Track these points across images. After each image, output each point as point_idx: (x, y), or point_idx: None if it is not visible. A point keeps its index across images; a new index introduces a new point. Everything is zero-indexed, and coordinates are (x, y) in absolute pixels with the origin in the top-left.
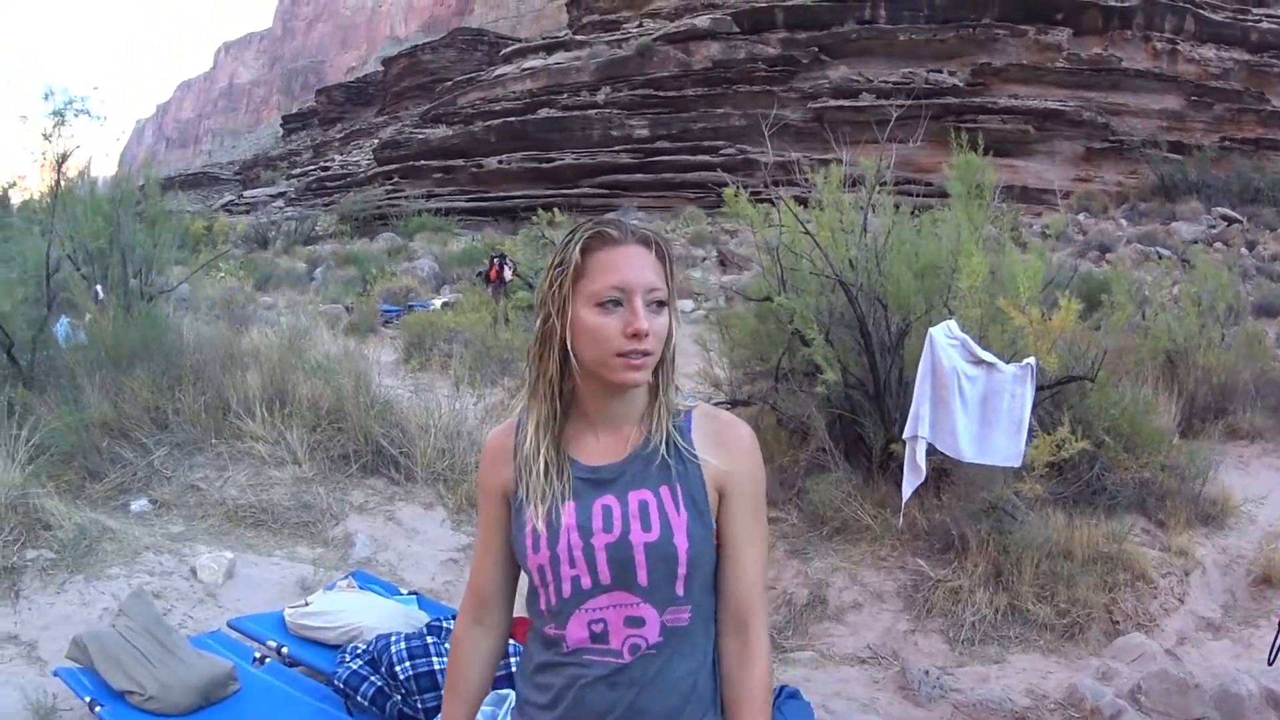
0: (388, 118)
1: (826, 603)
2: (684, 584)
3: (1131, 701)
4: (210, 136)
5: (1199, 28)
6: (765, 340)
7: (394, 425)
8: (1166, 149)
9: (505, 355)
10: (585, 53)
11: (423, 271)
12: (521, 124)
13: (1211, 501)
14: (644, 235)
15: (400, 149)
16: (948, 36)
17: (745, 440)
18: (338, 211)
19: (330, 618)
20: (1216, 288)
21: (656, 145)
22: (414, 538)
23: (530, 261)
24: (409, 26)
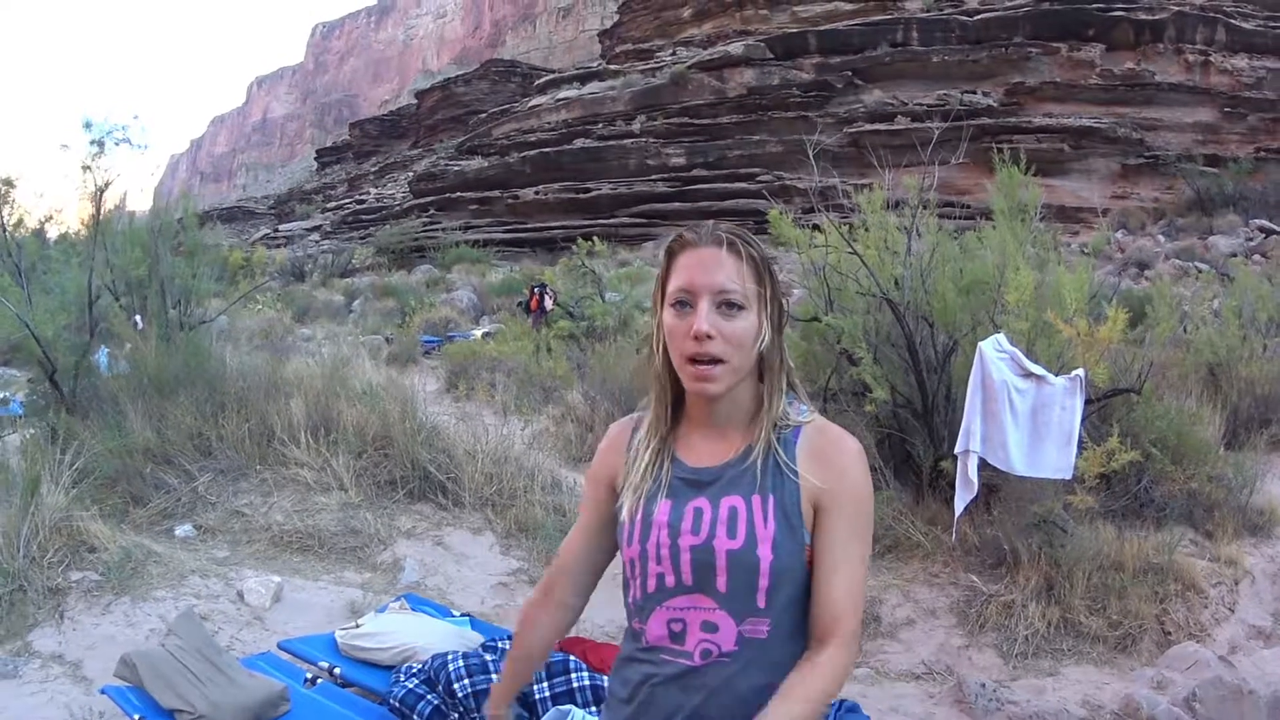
0: (422, 150)
1: (880, 620)
2: (765, 596)
3: (1187, 709)
4: (244, 171)
5: (1230, 38)
6: (812, 361)
7: (441, 451)
8: (1202, 162)
9: (549, 384)
10: (619, 82)
11: (461, 302)
12: (557, 154)
13: (1259, 511)
14: (720, 236)
15: (436, 181)
16: (980, 57)
17: (849, 457)
18: (374, 244)
19: (384, 639)
20: (1257, 299)
21: (693, 173)
22: (463, 562)
23: (570, 291)
24: (441, 59)
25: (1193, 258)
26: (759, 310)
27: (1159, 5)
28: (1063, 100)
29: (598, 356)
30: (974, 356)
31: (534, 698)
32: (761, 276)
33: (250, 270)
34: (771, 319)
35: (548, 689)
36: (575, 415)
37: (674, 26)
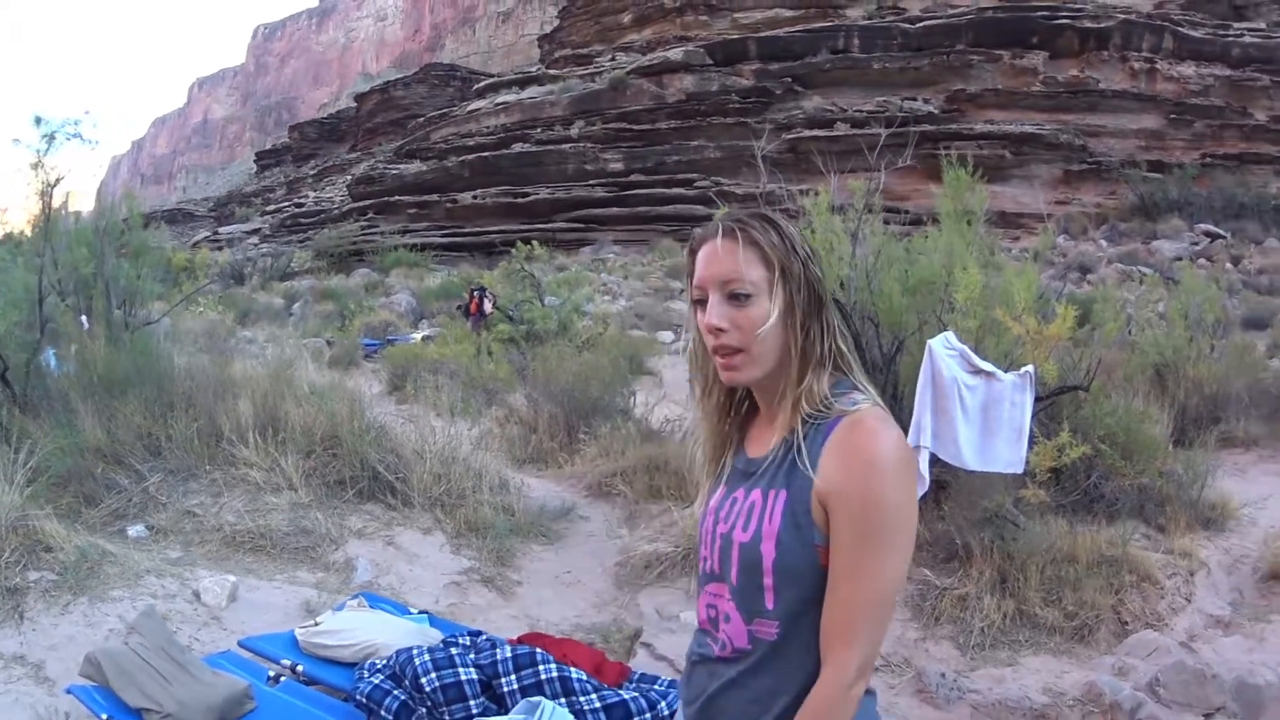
0: (360, 153)
1: None
2: (772, 597)
3: (1150, 694)
4: (184, 173)
5: (1178, 45)
6: None
7: (389, 451)
8: (1146, 168)
9: (491, 386)
10: (558, 87)
11: (400, 306)
12: (495, 159)
13: (1211, 506)
14: (725, 225)
15: (374, 184)
16: (922, 64)
17: (861, 456)
18: (313, 247)
19: (345, 635)
20: (1204, 301)
21: (631, 179)
22: (415, 562)
23: (509, 295)
24: (380, 62)
25: (1136, 262)
26: (768, 295)
27: (1105, 13)
28: (1005, 107)
29: (540, 359)
30: (922, 355)
31: (502, 690)
32: (770, 260)
33: (193, 272)
34: (786, 301)
35: (515, 681)
36: (519, 417)
37: (614, 32)
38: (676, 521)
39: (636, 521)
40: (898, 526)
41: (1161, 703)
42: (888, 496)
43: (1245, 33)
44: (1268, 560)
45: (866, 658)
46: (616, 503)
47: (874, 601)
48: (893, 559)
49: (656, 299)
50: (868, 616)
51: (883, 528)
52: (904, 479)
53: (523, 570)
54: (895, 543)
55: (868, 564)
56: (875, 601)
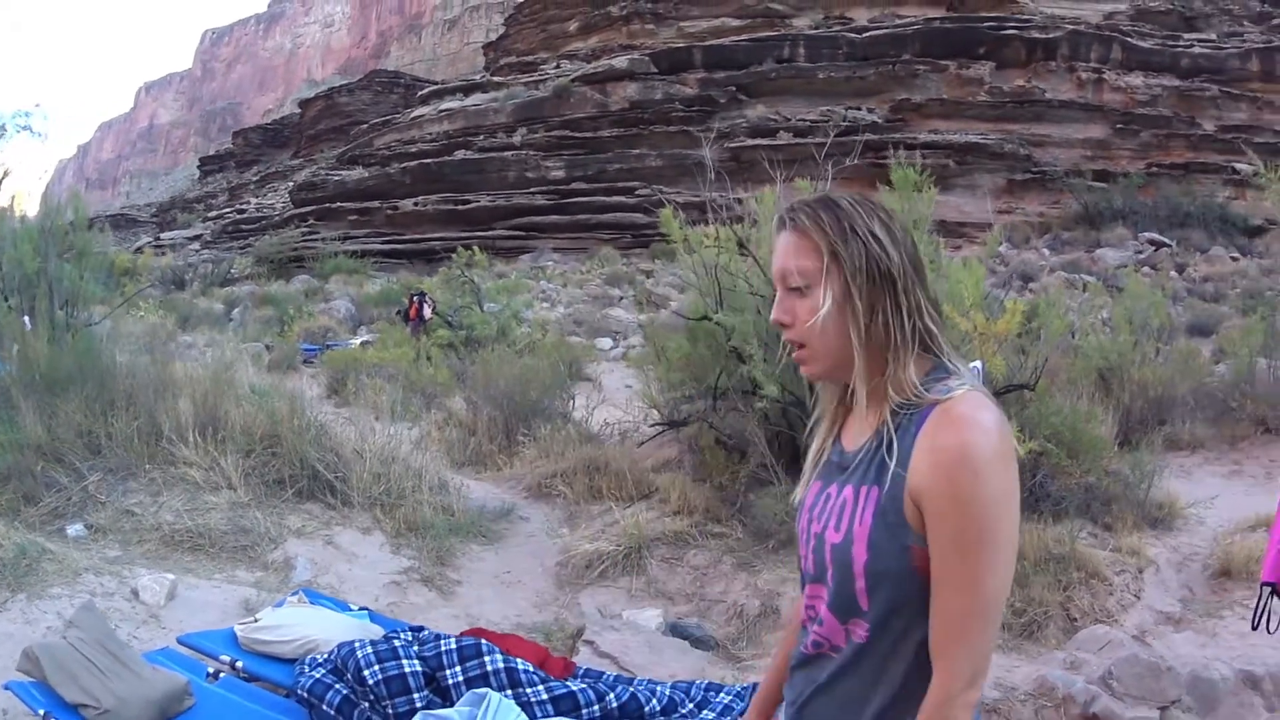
0: (303, 160)
1: (779, 612)
2: (866, 598)
3: (1104, 687)
4: (129, 178)
5: (1126, 56)
6: (698, 362)
7: (329, 450)
8: (1091, 178)
9: (430, 390)
10: (502, 94)
11: (339, 312)
12: (438, 166)
13: (1158, 505)
14: (784, 216)
15: (316, 191)
16: (867, 74)
17: (950, 452)
18: (254, 254)
19: (285, 631)
20: (1149, 306)
21: (572, 186)
22: (354, 561)
23: (448, 301)
24: (326, 69)
25: (1079, 270)
26: (821, 285)
27: (1053, 24)
28: (949, 117)
29: (480, 362)
30: None
31: (447, 682)
32: (819, 247)
33: (135, 274)
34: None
35: (461, 673)
36: (458, 420)
37: (559, 40)
38: (618, 521)
39: (577, 522)
40: (997, 526)
41: (1115, 696)
42: (983, 495)
43: (1195, 43)
44: (1219, 557)
45: (978, 665)
46: (556, 503)
47: (981, 607)
48: (994, 561)
49: (595, 306)
50: (975, 623)
51: (981, 530)
52: (1000, 472)
53: (463, 570)
54: (995, 543)
55: (969, 569)
56: (982, 607)
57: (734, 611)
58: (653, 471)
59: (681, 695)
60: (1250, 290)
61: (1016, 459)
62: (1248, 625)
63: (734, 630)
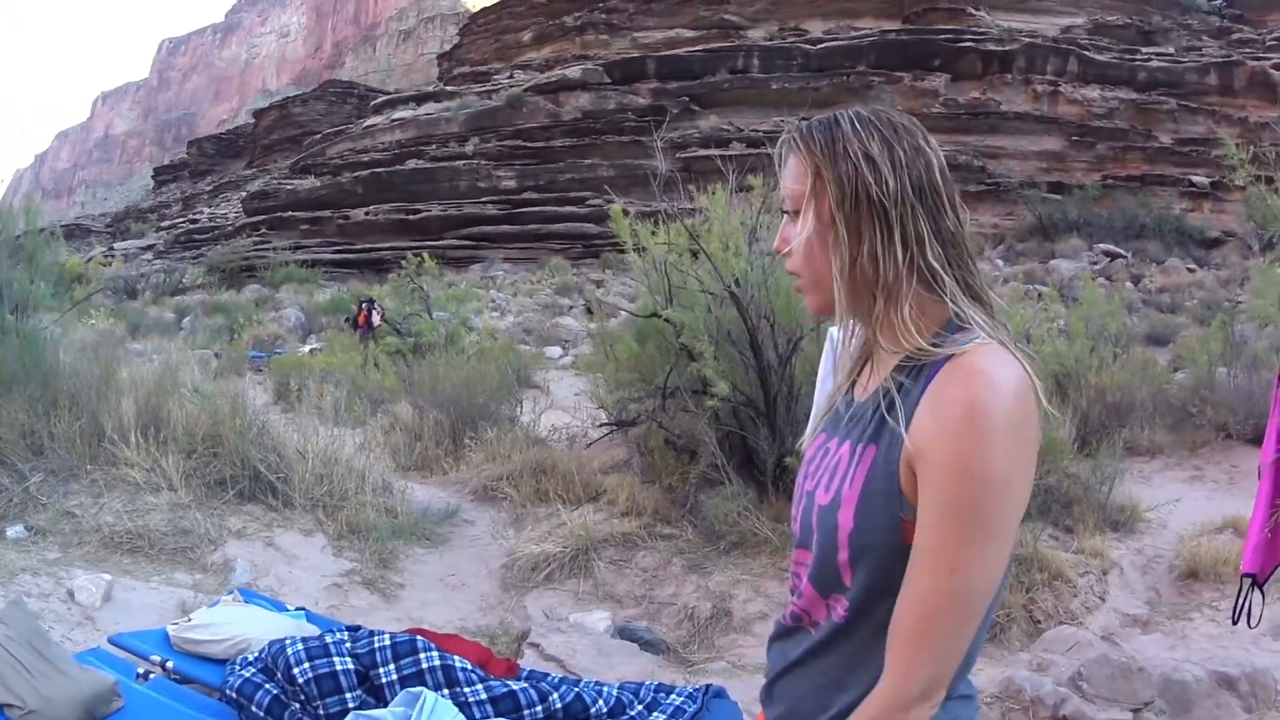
0: (256, 170)
1: (731, 615)
2: (849, 571)
3: (1074, 689)
4: (84, 188)
5: (1083, 69)
6: (647, 362)
7: (271, 450)
8: (1046, 189)
9: (377, 395)
10: (455, 104)
11: (289, 321)
12: (389, 175)
13: (1119, 508)
14: (790, 141)
15: (268, 200)
16: (821, 85)
17: (954, 409)
18: (206, 263)
19: (217, 630)
20: (1105, 314)
21: (524, 196)
22: (295, 563)
23: (398, 308)
24: (281, 79)
25: (1033, 280)
26: (812, 207)
27: (1010, 37)
28: None
29: (428, 365)
30: (819, 354)
31: (380, 681)
32: (805, 169)
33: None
34: (824, 212)
35: (395, 671)
36: (404, 425)
37: (513, 50)
38: (565, 523)
39: (523, 524)
40: (998, 505)
41: (1085, 698)
42: (985, 466)
43: (1153, 57)
44: (1185, 559)
45: (939, 672)
46: (502, 506)
47: (957, 597)
48: (984, 547)
49: (545, 315)
50: (945, 618)
51: (975, 506)
52: (1011, 443)
53: (406, 573)
54: (991, 525)
55: (952, 548)
56: (959, 597)
57: (684, 614)
58: (601, 473)
59: (630, 697)
60: (1208, 301)
61: (1038, 433)
62: (1218, 627)
63: (685, 633)
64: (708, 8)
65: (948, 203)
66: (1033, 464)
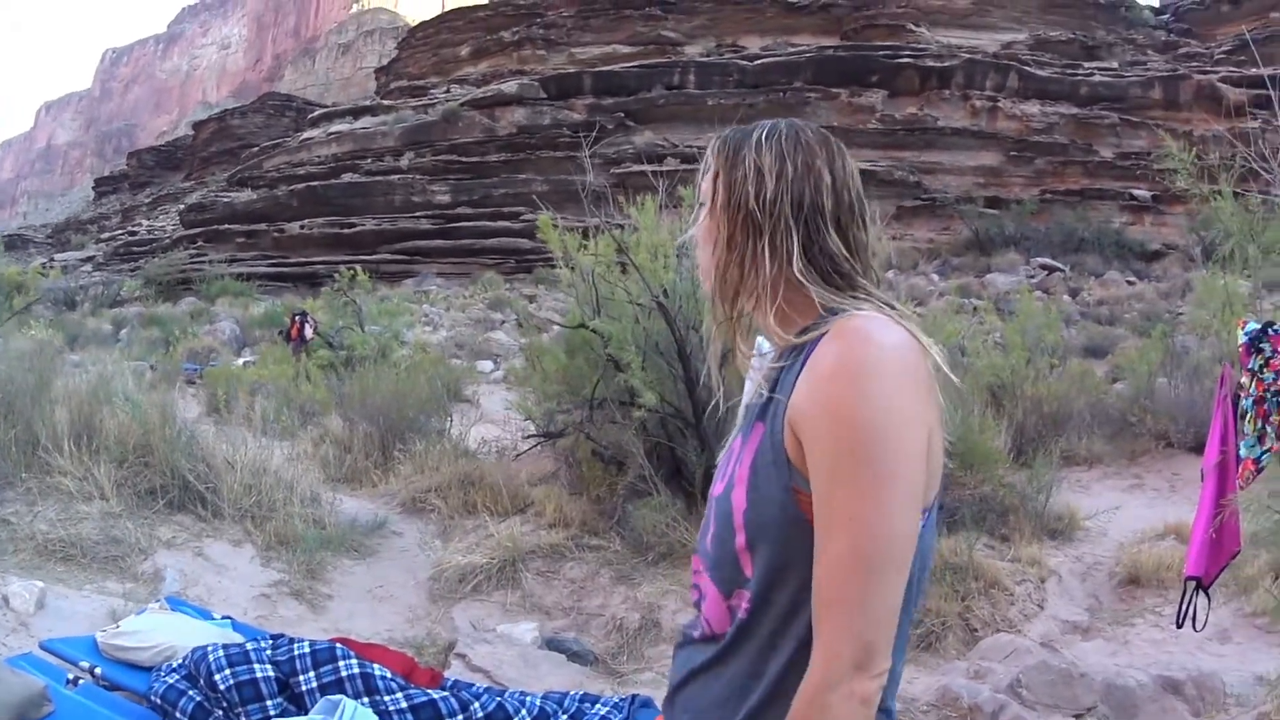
0: (194, 183)
1: (660, 625)
2: (749, 560)
3: (1013, 696)
4: (26, 198)
5: (1023, 84)
6: (575, 374)
7: (200, 460)
8: (983, 204)
9: (308, 408)
10: (391, 117)
11: (224, 334)
12: (325, 189)
13: (1057, 517)
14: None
15: (205, 212)
16: (757, 101)
17: (828, 361)
18: (143, 275)
19: (143, 637)
20: (1042, 325)
21: (458, 211)
22: (224, 573)
23: (330, 321)
24: (220, 91)
25: (969, 294)
26: (707, 206)
27: (949, 53)
28: None
29: (358, 378)
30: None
31: (301, 689)
32: (718, 170)
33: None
34: (715, 214)
35: (315, 679)
36: (334, 437)
37: (451, 64)
38: (492, 534)
39: (451, 536)
40: (882, 449)
41: (1026, 704)
42: (866, 408)
43: (1096, 71)
44: (1126, 566)
45: (867, 640)
46: (430, 518)
47: (865, 557)
48: (882, 495)
49: (477, 330)
50: (859, 579)
51: (863, 451)
52: (892, 388)
53: (334, 584)
54: (879, 471)
55: (846, 502)
56: (867, 556)
57: (613, 625)
58: (529, 485)
59: (554, 706)
60: (1147, 313)
61: (929, 387)
62: (1161, 632)
63: (614, 644)
64: (645, 24)
65: (830, 222)
66: (925, 414)
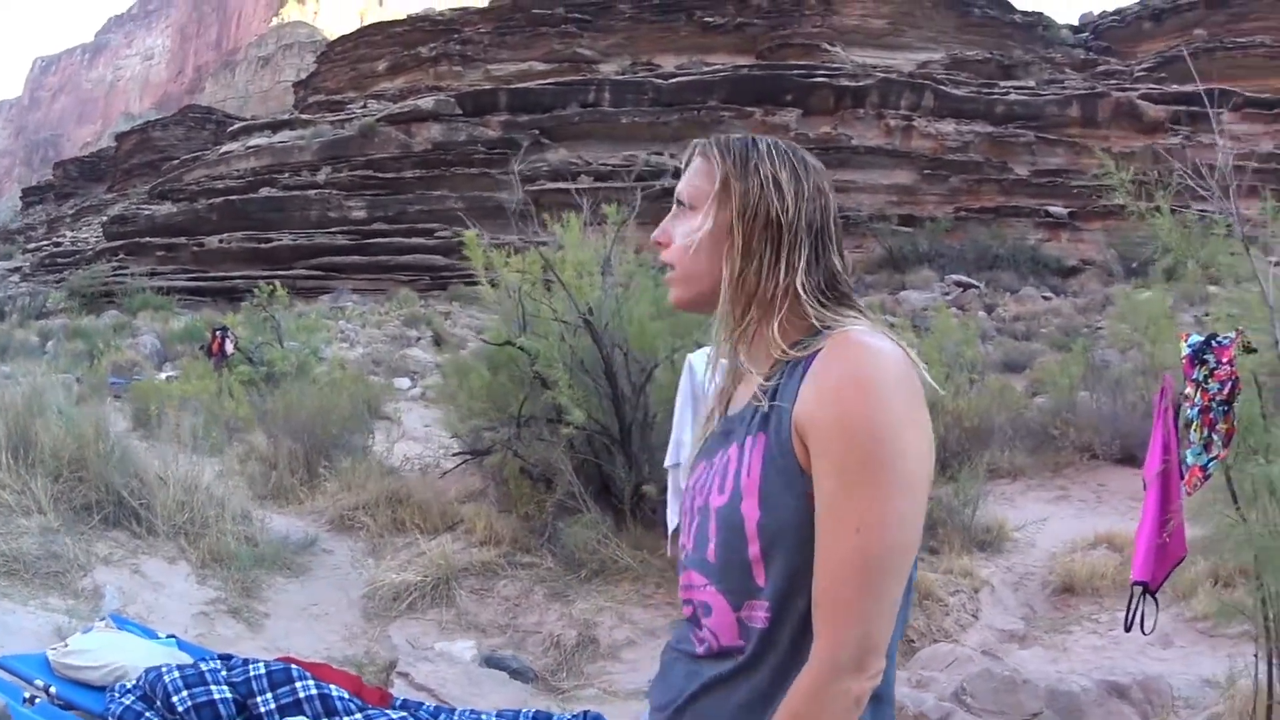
0: (117, 195)
1: (598, 642)
2: (762, 569)
3: (958, 703)
4: None
5: (939, 104)
6: (499, 391)
7: (134, 476)
8: (896, 222)
9: (233, 424)
10: (309, 132)
11: (146, 348)
12: (243, 203)
13: (985, 529)
14: (702, 146)
15: (127, 225)
16: (671, 119)
17: (834, 371)
18: (67, 287)
19: (93, 656)
20: (960, 341)
21: (374, 227)
22: (160, 590)
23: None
24: (143, 103)
25: (883, 311)
26: (712, 210)
27: (864, 72)
28: None
29: (281, 394)
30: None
31: (259, 710)
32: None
33: None
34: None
35: (272, 700)
36: (259, 454)
37: (368, 79)
38: (424, 552)
39: (382, 554)
40: (893, 456)
41: (972, 712)
42: (873, 418)
43: (1011, 90)
44: (1060, 575)
45: (866, 641)
46: (359, 535)
47: (869, 563)
48: (889, 502)
49: (394, 346)
50: (862, 584)
51: (870, 460)
52: (899, 398)
53: (269, 602)
54: (889, 480)
55: (856, 512)
56: (870, 562)
57: (550, 642)
58: (458, 502)
59: None
60: (1065, 328)
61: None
62: (1100, 638)
63: (552, 661)
64: (561, 41)
65: (835, 244)
66: (926, 421)
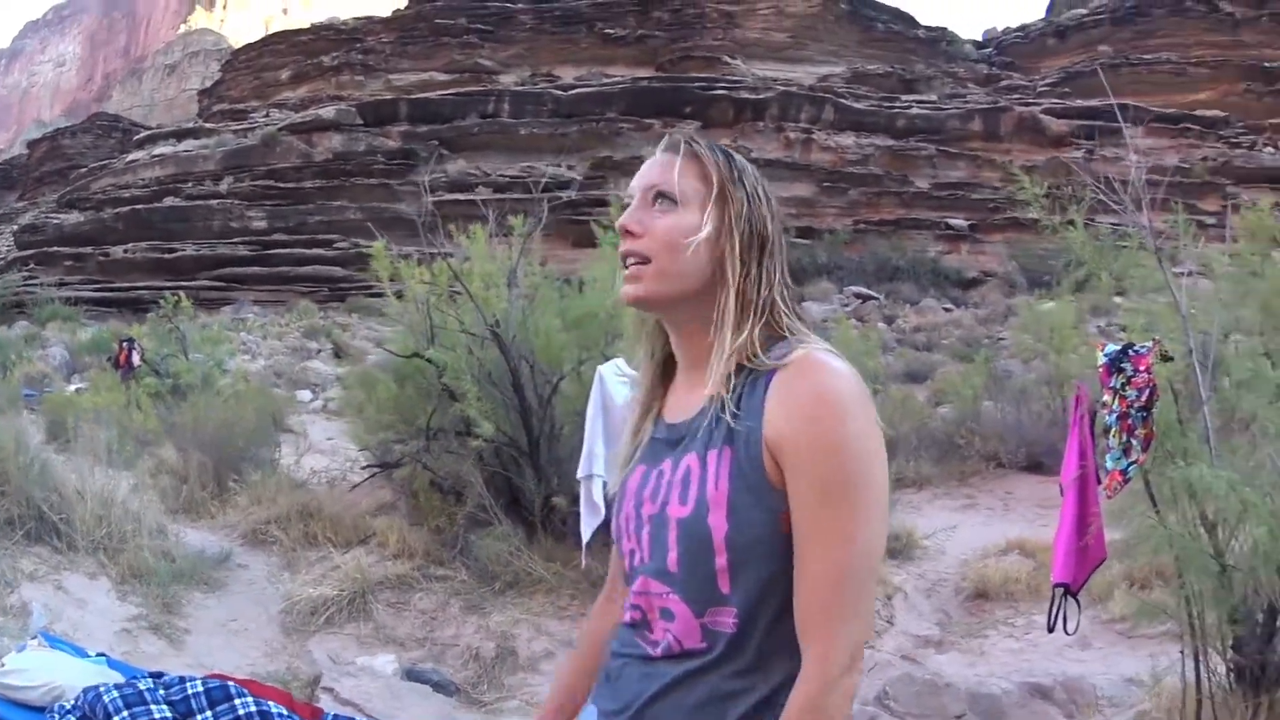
0: (28, 203)
1: (517, 654)
2: (729, 578)
3: (881, 708)
4: None
5: (839, 117)
6: (407, 403)
7: (52, 490)
8: (795, 234)
9: (142, 437)
10: (212, 141)
11: (55, 359)
12: (148, 212)
13: (894, 537)
14: (677, 140)
15: (37, 234)
16: (570, 131)
17: (808, 394)
18: None
19: (30, 675)
20: (862, 352)
21: (274, 237)
22: (84, 607)
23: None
24: (54, 110)
25: None
26: (701, 210)
27: (765, 85)
28: None
29: (189, 406)
30: (585, 390)
31: None
32: (709, 177)
33: None
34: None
35: (213, 717)
36: (169, 467)
37: (272, 88)
38: (338, 566)
39: (296, 568)
40: (868, 470)
41: (895, 715)
42: (849, 436)
43: (913, 104)
44: (973, 580)
45: (856, 641)
46: (273, 550)
47: (853, 571)
48: (868, 511)
49: (295, 359)
50: (849, 590)
51: (850, 477)
52: (864, 412)
53: (190, 618)
54: (867, 492)
55: (839, 525)
56: (855, 571)
57: (469, 655)
58: (369, 515)
59: None
60: (967, 339)
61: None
62: (1016, 642)
63: (472, 674)
64: (462, 52)
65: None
66: (880, 432)
